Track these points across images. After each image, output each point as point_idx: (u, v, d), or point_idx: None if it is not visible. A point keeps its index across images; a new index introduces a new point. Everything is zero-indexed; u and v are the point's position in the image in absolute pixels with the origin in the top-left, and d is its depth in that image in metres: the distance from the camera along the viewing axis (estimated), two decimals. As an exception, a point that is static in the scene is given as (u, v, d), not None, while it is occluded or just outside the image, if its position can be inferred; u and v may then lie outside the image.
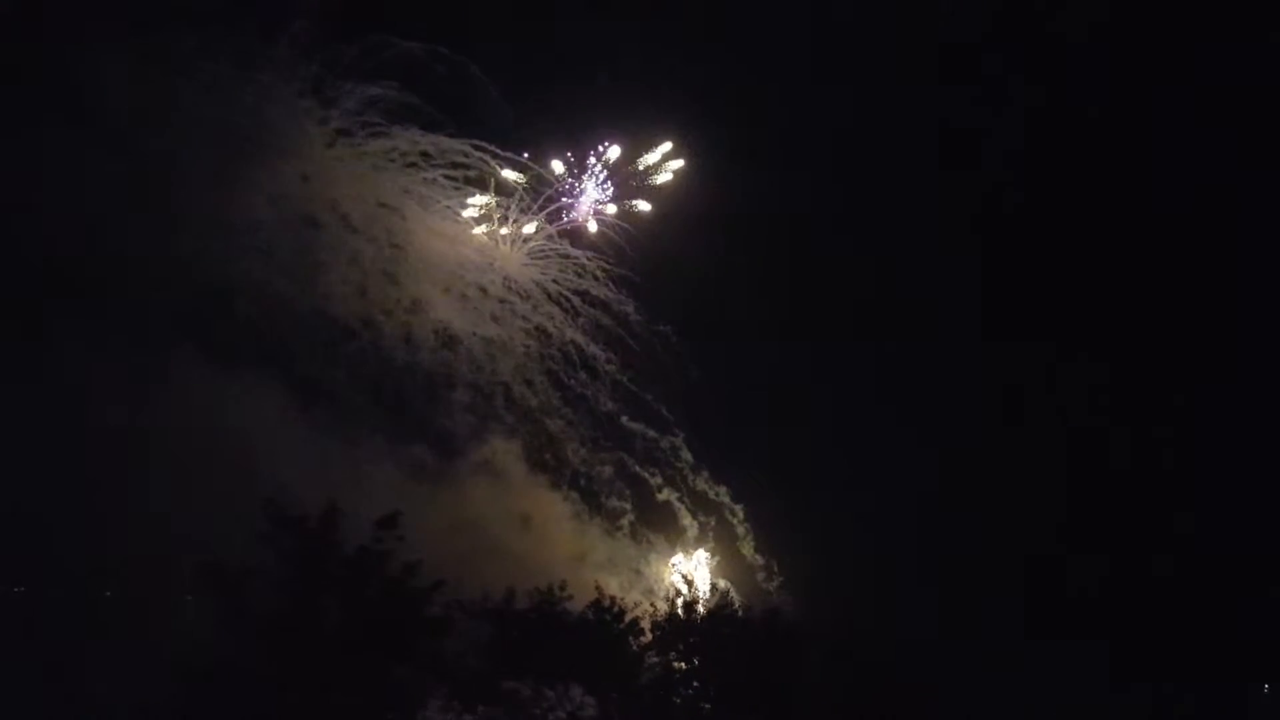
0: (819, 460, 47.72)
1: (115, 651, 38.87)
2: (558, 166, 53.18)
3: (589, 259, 54.10)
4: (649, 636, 39.50)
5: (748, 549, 47.59)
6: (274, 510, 40.16)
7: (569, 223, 54.29)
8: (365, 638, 37.81)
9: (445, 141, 51.43)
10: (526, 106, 51.57)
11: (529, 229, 53.43)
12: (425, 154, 51.86)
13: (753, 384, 52.11)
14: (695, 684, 38.57)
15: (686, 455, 51.98)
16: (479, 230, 52.95)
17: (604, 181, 54.31)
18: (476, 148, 51.82)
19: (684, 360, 52.75)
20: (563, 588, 39.96)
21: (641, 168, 54.09)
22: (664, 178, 54.05)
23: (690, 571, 43.42)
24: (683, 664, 39.04)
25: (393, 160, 51.39)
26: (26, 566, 42.22)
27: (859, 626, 40.21)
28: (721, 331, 52.74)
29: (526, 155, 52.66)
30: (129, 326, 44.45)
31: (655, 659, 39.01)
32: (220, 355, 46.13)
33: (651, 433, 53.10)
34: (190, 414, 44.77)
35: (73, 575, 42.20)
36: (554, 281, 54.39)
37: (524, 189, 53.27)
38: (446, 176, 52.34)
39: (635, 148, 54.26)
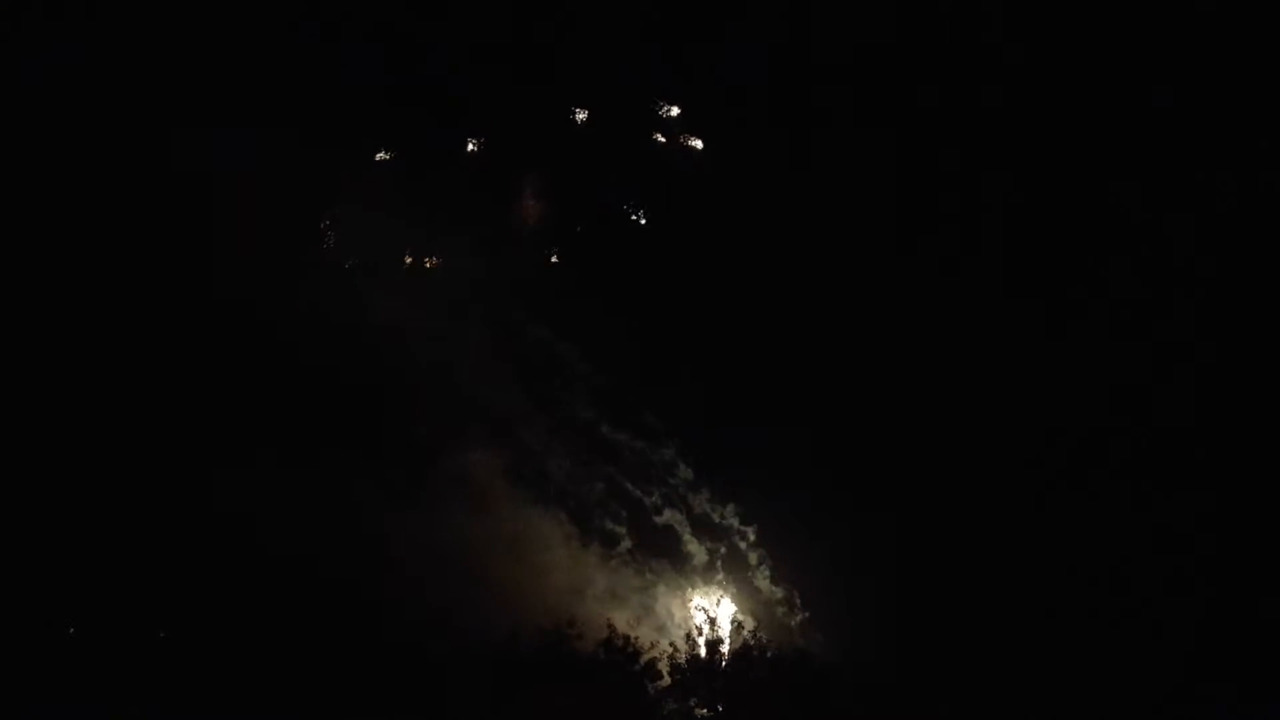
0: (837, 473, 44.08)
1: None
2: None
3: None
4: (667, 680, 36.00)
5: (763, 580, 43.87)
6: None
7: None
8: (358, 687, 34.32)
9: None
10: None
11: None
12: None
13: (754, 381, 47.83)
14: (719, 733, 35.10)
15: (684, 471, 47.98)
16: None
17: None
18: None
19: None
20: (570, 625, 36.53)
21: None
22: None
23: (713, 607, 39.62)
24: (705, 710, 35.54)
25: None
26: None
27: (895, 665, 36.74)
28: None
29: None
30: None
31: (674, 705, 35.56)
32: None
33: (639, 443, 48.97)
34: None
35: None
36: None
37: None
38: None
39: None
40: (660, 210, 50.48)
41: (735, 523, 45.46)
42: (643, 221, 50.42)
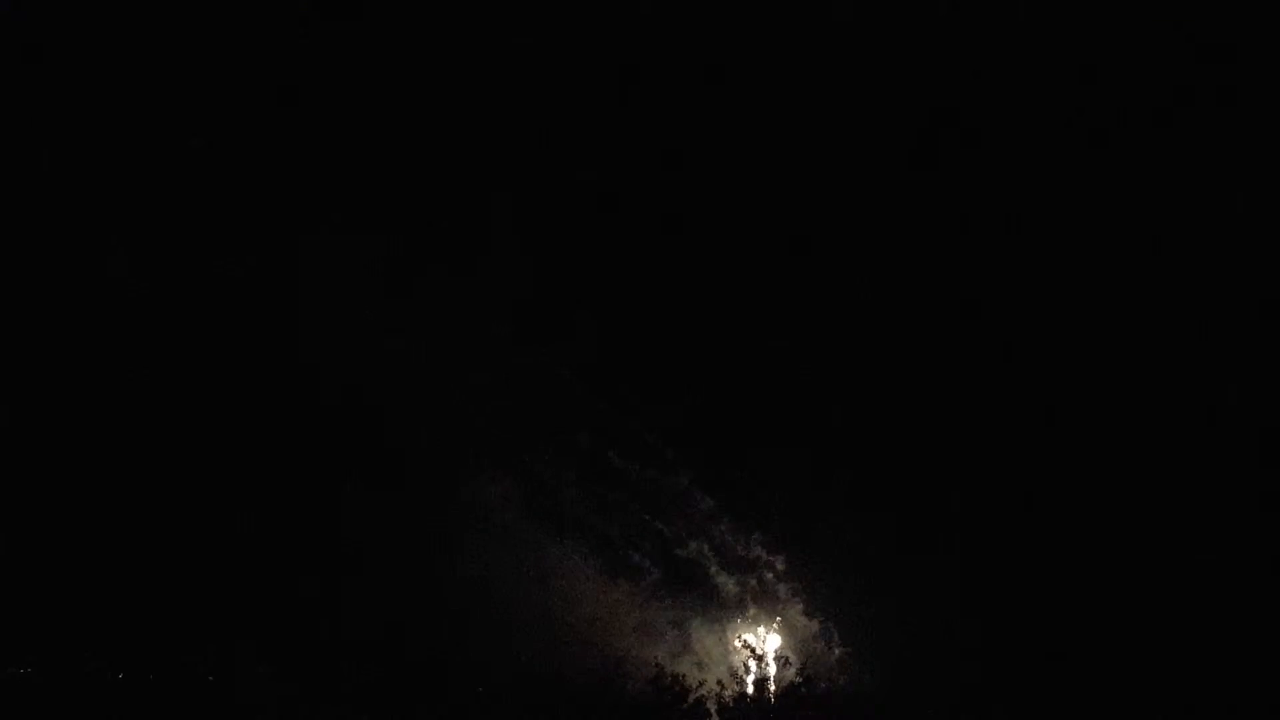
0: (863, 495, 43.19)
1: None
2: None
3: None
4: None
5: (797, 613, 43.01)
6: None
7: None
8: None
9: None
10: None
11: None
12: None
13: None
14: (770, 775, 34.24)
15: (703, 500, 46.90)
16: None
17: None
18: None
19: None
20: (616, 665, 35.59)
21: None
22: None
23: (755, 642, 38.71)
24: (755, 752, 34.65)
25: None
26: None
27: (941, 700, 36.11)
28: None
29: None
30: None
31: (723, 746, 34.62)
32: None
33: (651, 471, 47.73)
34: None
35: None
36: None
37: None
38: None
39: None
40: (657, 224, 49.58)
41: (762, 553, 44.47)
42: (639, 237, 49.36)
